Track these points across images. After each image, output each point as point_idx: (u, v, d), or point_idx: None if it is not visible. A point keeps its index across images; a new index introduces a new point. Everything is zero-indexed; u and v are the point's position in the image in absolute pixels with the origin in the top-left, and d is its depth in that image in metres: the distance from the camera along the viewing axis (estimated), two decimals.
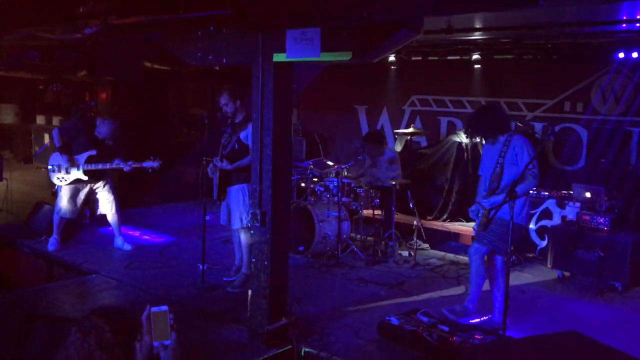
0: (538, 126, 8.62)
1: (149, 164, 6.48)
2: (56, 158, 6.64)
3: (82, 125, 6.66)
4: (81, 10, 4.53)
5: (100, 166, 6.57)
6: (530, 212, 5.83)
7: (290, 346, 4.38)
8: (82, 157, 6.59)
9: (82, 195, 6.76)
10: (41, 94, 13.90)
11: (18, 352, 3.90)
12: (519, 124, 8.54)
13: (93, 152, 6.59)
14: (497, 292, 4.93)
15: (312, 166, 7.66)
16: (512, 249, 4.22)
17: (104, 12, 4.50)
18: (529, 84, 8.71)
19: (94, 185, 6.75)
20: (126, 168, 6.51)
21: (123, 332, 2.09)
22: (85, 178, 6.63)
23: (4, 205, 7.90)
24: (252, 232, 4.54)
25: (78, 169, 6.59)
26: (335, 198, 6.82)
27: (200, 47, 4.68)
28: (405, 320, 4.58)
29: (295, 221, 6.55)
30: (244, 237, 5.62)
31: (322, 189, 7.29)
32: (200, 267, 5.75)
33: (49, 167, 6.71)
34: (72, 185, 6.67)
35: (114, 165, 6.55)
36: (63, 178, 6.63)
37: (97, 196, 6.82)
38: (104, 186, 6.79)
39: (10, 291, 6.08)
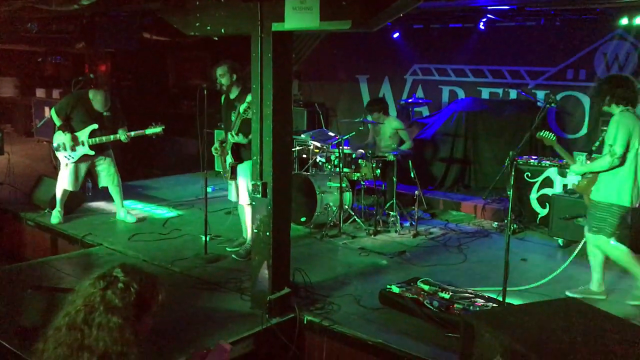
0: (540, 94, 8.57)
1: (151, 130, 6.49)
2: (60, 137, 6.63)
3: (77, 100, 6.62)
4: None
5: (104, 139, 6.58)
6: (531, 180, 5.82)
7: (293, 315, 4.44)
8: (84, 133, 6.58)
9: (84, 168, 6.78)
10: (40, 67, 13.82)
11: (22, 323, 3.97)
12: (521, 92, 8.49)
13: (95, 126, 6.58)
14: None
15: (313, 137, 7.64)
16: (513, 217, 4.20)
17: None
18: (532, 52, 8.63)
19: (95, 159, 6.76)
20: (124, 138, 6.52)
21: (136, 292, 2.07)
22: (92, 153, 6.63)
23: (5, 179, 7.92)
24: (253, 203, 4.56)
25: (83, 145, 6.59)
26: (337, 169, 6.83)
27: (198, 17, 4.64)
28: (406, 289, 4.62)
29: (296, 192, 6.56)
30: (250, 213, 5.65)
31: (323, 159, 7.29)
32: (204, 238, 5.79)
33: (54, 145, 6.72)
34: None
35: (117, 137, 6.57)
36: (70, 156, 6.64)
37: (98, 169, 6.83)
38: (105, 159, 6.80)
39: (15, 264, 6.15)
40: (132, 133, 6.59)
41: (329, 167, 7.18)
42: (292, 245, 4.81)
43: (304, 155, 7.87)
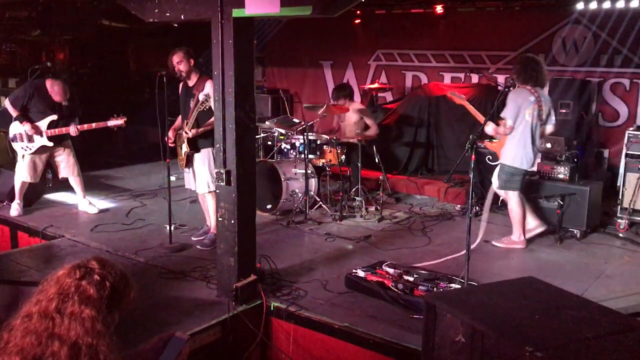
0: (501, 78, 8.71)
1: (113, 122, 6.39)
2: (17, 127, 6.45)
3: (34, 90, 6.44)
4: None
5: (63, 130, 6.43)
6: (493, 163, 5.97)
7: (259, 301, 4.45)
8: (43, 123, 6.42)
9: (43, 158, 6.63)
10: None
11: None
12: (483, 76, 8.61)
13: (54, 117, 6.43)
14: None
15: (277, 123, 7.62)
16: (474, 200, 4.34)
17: None
18: (492, 36, 8.75)
19: (54, 150, 6.61)
20: (72, 132, 6.39)
21: (111, 286, 2.06)
22: (51, 144, 6.48)
23: None
24: (217, 191, 4.54)
25: (42, 136, 6.43)
26: (302, 155, 6.83)
27: (157, 4, 4.56)
28: (371, 272, 4.69)
29: (262, 180, 6.55)
30: (210, 200, 5.62)
31: (288, 146, 7.28)
32: (168, 227, 5.74)
33: (10, 136, 6.54)
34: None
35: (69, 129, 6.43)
36: (27, 147, 6.47)
37: (58, 159, 6.68)
38: (64, 149, 6.65)
39: None
40: (94, 125, 6.45)
41: (294, 153, 7.18)
42: (258, 233, 4.82)
43: (269, 142, 7.85)
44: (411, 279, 4.54)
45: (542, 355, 2.43)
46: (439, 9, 8.75)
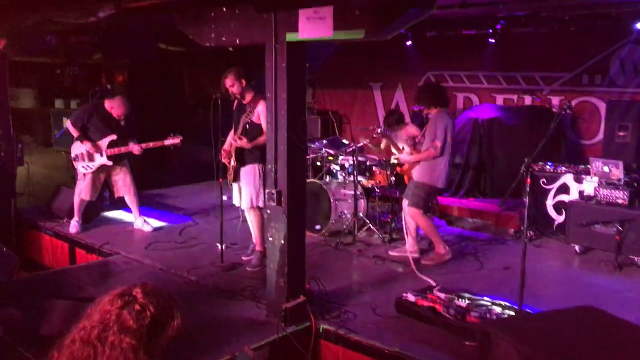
0: (555, 100, 8.51)
1: (170, 141, 6.57)
2: (78, 147, 6.72)
3: (94, 111, 6.70)
4: None
5: (122, 149, 6.66)
6: (547, 187, 5.83)
7: (308, 323, 4.44)
8: (103, 143, 6.67)
9: (101, 177, 6.86)
10: (59, 78, 14.00)
11: (41, 331, 4.02)
12: (536, 98, 8.44)
13: (114, 137, 6.66)
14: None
15: (327, 145, 7.66)
16: (529, 224, 4.23)
17: None
18: (546, 57, 8.57)
19: (112, 169, 6.83)
20: (135, 150, 6.60)
21: (152, 316, 2.03)
22: (110, 163, 6.72)
23: (25, 189, 8.03)
24: (268, 211, 4.58)
25: (102, 155, 6.68)
26: (351, 176, 6.83)
27: (213, 28, 4.69)
28: (422, 297, 4.61)
29: (311, 200, 6.58)
30: (253, 217, 5.70)
31: (337, 167, 7.30)
32: (219, 246, 5.83)
33: (72, 156, 6.81)
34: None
35: (128, 148, 6.65)
36: (88, 166, 6.72)
37: (115, 178, 6.90)
38: (121, 168, 6.87)
39: (34, 273, 6.23)
40: (151, 144, 6.65)
41: (343, 174, 7.19)
42: (307, 254, 4.82)
43: (318, 163, 7.89)
44: (463, 304, 4.44)
45: None
46: (491, 30, 8.65)
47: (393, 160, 6.77)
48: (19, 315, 4.40)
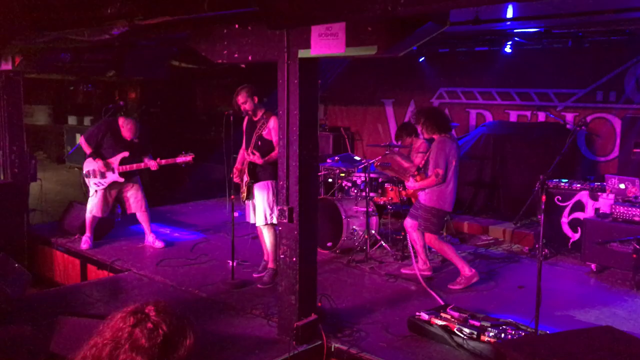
0: (569, 116, 8.45)
1: (182, 158, 6.57)
2: (90, 164, 6.75)
3: (107, 128, 6.74)
4: (108, 11, 4.58)
5: (134, 166, 6.68)
6: (562, 204, 5.76)
7: (320, 342, 4.38)
8: (115, 160, 6.69)
9: (113, 194, 6.88)
10: (72, 95, 14.18)
11: (52, 348, 3.99)
12: (550, 114, 8.38)
13: (126, 154, 6.69)
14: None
15: (339, 161, 7.63)
16: (544, 242, 4.18)
17: (131, 13, 4.54)
18: (560, 73, 8.54)
19: (124, 185, 6.85)
20: (152, 166, 6.62)
21: (164, 335, 1.99)
22: (122, 180, 6.74)
23: (38, 205, 8.07)
24: (280, 228, 4.55)
25: (114, 172, 6.70)
26: (363, 193, 6.79)
27: (225, 45, 4.71)
28: (435, 316, 4.54)
29: (323, 217, 6.54)
30: (267, 234, 5.67)
31: (349, 184, 7.27)
32: (230, 263, 5.79)
33: (84, 172, 6.84)
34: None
35: (144, 165, 6.67)
36: (100, 182, 6.75)
37: (127, 195, 6.92)
38: (133, 185, 6.89)
39: (46, 289, 6.23)
40: (163, 161, 6.67)
41: (355, 191, 7.14)
42: (318, 271, 4.79)
43: (330, 180, 7.86)
44: (477, 323, 4.36)
45: None
46: (504, 47, 8.62)
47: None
48: (29, 332, 4.39)
